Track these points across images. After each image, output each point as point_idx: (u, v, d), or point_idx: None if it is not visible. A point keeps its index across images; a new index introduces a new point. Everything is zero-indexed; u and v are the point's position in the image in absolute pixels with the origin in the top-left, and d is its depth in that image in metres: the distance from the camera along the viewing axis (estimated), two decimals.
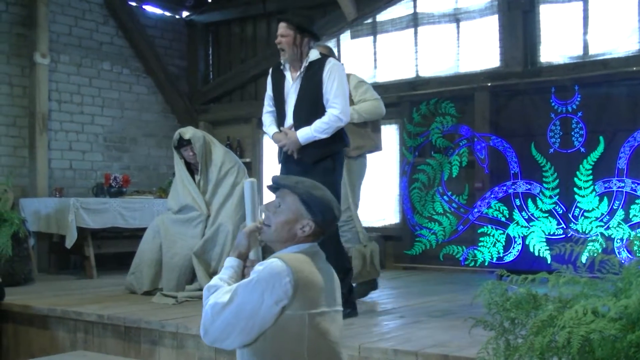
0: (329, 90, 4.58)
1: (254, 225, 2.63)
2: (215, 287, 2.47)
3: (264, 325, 2.35)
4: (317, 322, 2.40)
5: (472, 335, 2.55)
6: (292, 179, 2.62)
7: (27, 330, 5.41)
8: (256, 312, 2.34)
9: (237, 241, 2.64)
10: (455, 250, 7.52)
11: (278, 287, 2.33)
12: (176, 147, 6.01)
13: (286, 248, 2.53)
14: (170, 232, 5.81)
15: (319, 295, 2.43)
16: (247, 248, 2.62)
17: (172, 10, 9.85)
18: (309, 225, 2.51)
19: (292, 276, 2.35)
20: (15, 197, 7.44)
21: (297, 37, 4.58)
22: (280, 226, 2.53)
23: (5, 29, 7.94)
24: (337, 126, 4.58)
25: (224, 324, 2.38)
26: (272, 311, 2.33)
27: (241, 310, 2.35)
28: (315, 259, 2.50)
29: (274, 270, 2.35)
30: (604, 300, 2.04)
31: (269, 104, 4.84)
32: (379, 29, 8.52)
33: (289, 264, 2.38)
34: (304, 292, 2.37)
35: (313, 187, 2.58)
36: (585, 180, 6.74)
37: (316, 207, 2.52)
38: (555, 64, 7.28)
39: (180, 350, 4.47)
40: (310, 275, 2.42)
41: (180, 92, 9.67)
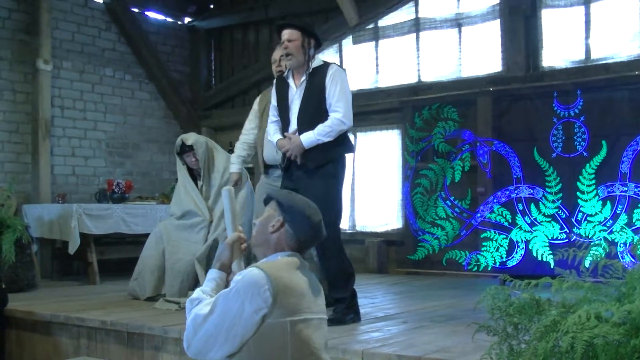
0: (331, 95, 4.60)
1: (236, 236, 2.65)
2: (198, 300, 2.48)
3: (245, 334, 2.34)
4: (300, 329, 2.39)
5: (475, 340, 2.55)
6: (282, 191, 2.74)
7: (30, 337, 5.42)
8: (237, 322, 2.33)
9: (218, 252, 2.65)
10: (458, 255, 7.51)
11: (257, 295, 2.32)
12: (178, 153, 6.02)
13: (266, 257, 2.56)
14: (173, 238, 5.81)
15: (299, 302, 2.42)
16: (229, 259, 2.63)
17: (175, 17, 9.87)
18: (278, 222, 2.55)
19: (271, 284, 2.34)
20: (18, 203, 7.46)
21: (305, 40, 4.61)
22: (258, 227, 2.61)
23: (8, 36, 7.96)
24: (340, 130, 4.59)
25: (206, 336, 2.37)
26: (252, 320, 2.33)
27: (222, 320, 2.35)
28: (295, 267, 2.50)
29: (253, 279, 2.35)
30: (607, 305, 2.03)
31: (274, 114, 4.88)
32: (380, 34, 8.53)
33: (267, 272, 2.37)
34: (283, 299, 2.36)
35: (290, 193, 2.69)
36: (588, 184, 6.73)
37: (287, 205, 2.56)
38: (557, 68, 7.28)
39: (183, 356, 4.46)
40: (290, 282, 2.41)
41: (182, 98, 9.69)
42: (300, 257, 2.57)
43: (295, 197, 2.64)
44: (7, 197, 6.96)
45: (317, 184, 4.54)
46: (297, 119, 4.66)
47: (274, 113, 4.87)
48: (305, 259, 2.63)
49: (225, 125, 9.61)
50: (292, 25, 4.67)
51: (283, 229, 2.55)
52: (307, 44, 4.63)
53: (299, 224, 2.56)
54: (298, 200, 2.62)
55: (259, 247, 2.60)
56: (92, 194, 8.33)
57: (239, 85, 9.66)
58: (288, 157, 4.67)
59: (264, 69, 9.31)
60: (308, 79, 4.65)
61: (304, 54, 4.62)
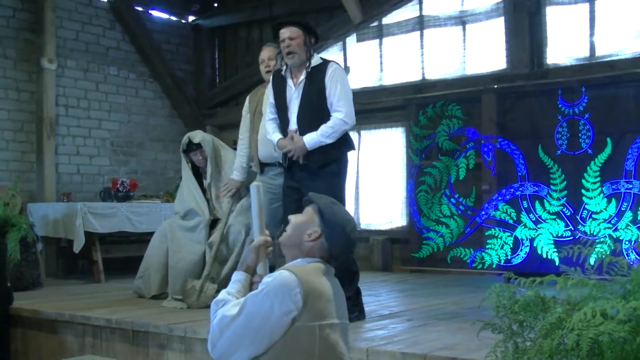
0: (332, 94, 4.59)
1: (262, 239, 2.63)
2: (223, 301, 2.46)
3: (273, 336, 2.34)
4: (327, 333, 2.39)
5: (480, 338, 2.54)
6: (324, 196, 2.66)
7: (36, 335, 5.43)
8: (265, 324, 2.32)
9: (244, 255, 2.64)
10: (462, 252, 7.50)
11: (288, 298, 2.32)
12: (184, 151, 6.02)
13: (294, 261, 2.54)
14: (177, 237, 5.82)
15: (327, 307, 2.42)
16: (255, 262, 2.62)
17: (178, 15, 9.87)
18: (316, 233, 2.53)
19: (302, 287, 2.34)
20: (23, 202, 7.48)
21: (307, 38, 4.61)
22: (293, 229, 2.56)
23: (13, 35, 7.98)
24: (343, 130, 4.59)
25: (233, 337, 2.36)
26: (282, 322, 2.32)
27: (250, 321, 2.34)
28: (323, 272, 2.50)
29: (284, 281, 2.34)
30: (612, 302, 2.03)
31: (271, 111, 4.85)
32: (384, 32, 8.52)
33: (298, 275, 2.37)
34: (313, 303, 2.36)
35: (334, 202, 2.61)
36: (593, 182, 6.71)
37: (328, 218, 2.53)
38: (562, 65, 7.27)
39: (189, 354, 4.48)
40: (320, 287, 2.41)
41: (186, 96, 9.70)
42: (326, 264, 2.56)
43: (338, 211, 2.58)
44: (12, 196, 6.96)
45: (321, 184, 4.53)
46: (297, 118, 4.65)
47: (272, 110, 4.84)
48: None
49: (229, 124, 9.60)
50: (293, 23, 4.67)
51: (319, 240, 2.54)
52: (309, 41, 4.63)
53: (336, 239, 2.54)
54: (339, 214, 2.57)
55: (290, 248, 2.57)
56: (96, 192, 8.35)
57: (243, 83, 9.65)
58: (289, 157, 4.67)
59: None
60: (308, 77, 4.63)
61: (306, 52, 4.62)
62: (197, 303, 5.32)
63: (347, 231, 2.56)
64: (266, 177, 5.39)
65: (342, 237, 2.55)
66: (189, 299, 5.37)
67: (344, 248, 2.58)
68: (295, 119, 4.66)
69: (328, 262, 2.57)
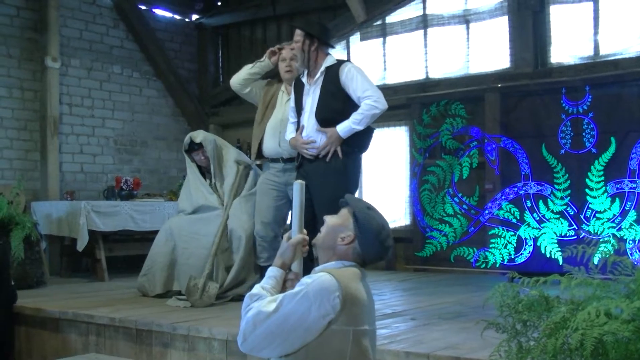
0: (355, 89, 4.69)
1: (301, 237, 2.64)
2: (258, 296, 2.46)
3: (307, 337, 2.35)
4: (360, 339, 2.40)
5: (484, 337, 2.54)
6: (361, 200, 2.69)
7: (40, 333, 5.44)
8: (301, 324, 2.34)
9: (281, 251, 2.64)
10: (466, 252, 7.50)
11: (327, 301, 2.33)
12: (187, 151, 6.03)
13: (330, 262, 2.55)
14: (184, 233, 5.82)
15: (363, 313, 2.43)
16: (291, 260, 2.63)
17: (182, 14, 9.88)
18: (349, 237, 2.53)
19: (341, 292, 2.35)
20: (26, 201, 7.49)
21: (306, 42, 4.73)
22: (328, 230, 2.58)
23: (16, 34, 7.99)
24: (374, 114, 4.67)
25: (266, 333, 2.37)
26: (318, 325, 2.34)
27: (286, 320, 2.34)
28: (359, 278, 2.51)
29: (324, 284, 2.35)
30: (616, 302, 2.03)
31: (292, 115, 4.99)
32: (388, 30, 8.51)
33: (339, 279, 2.38)
34: (350, 309, 2.37)
35: (369, 207, 2.62)
36: (597, 181, 6.70)
37: (362, 223, 2.53)
38: (565, 64, 7.25)
39: (192, 352, 4.48)
40: (357, 292, 2.42)
41: (190, 95, 9.70)
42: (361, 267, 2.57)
43: (373, 216, 2.58)
44: (16, 195, 6.98)
45: (330, 181, 4.57)
46: (315, 116, 4.72)
47: (292, 114, 4.98)
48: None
49: (233, 123, 9.62)
50: (297, 27, 4.83)
51: (352, 245, 2.54)
52: (308, 46, 4.74)
53: (369, 245, 2.54)
54: (374, 220, 2.57)
55: (324, 250, 2.58)
56: (100, 191, 8.35)
57: None
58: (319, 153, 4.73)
59: None
60: (323, 78, 4.72)
61: (304, 55, 4.74)
62: (200, 302, 5.33)
63: (381, 238, 2.56)
64: (270, 174, 5.39)
65: (376, 243, 2.55)
66: (191, 297, 5.37)
67: (376, 254, 2.58)
68: (307, 119, 4.76)
69: (362, 266, 2.58)
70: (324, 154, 4.69)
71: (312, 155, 4.73)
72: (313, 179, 4.68)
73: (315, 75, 4.76)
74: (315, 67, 4.75)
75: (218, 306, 5.32)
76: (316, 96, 4.74)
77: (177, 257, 5.82)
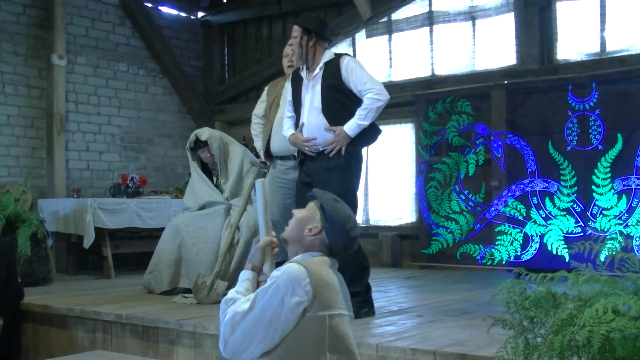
0: (356, 82, 4.66)
1: (268, 239, 2.68)
2: (233, 300, 2.49)
3: (286, 329, 2.37)
4: (336, 323, 2.42)
5: (490, 334, 2.54)
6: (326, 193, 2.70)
7: (47, 330, 5.46)
8: (277, 317, 2.35)
9: (250, 254, 2.69)
10: (472, 249, 7.49)
11: (298, 289, 2.36)
12: (192, 149, 6.04)
13: (298, 255, 2.58)
14: (191, 229, 5.82)
15: (336, 298, 2.46)
16: (261, 262, 2.67)
17: (188, 11, 9.88)
18: (316, 228, 2.57)
19: (311, 278, 2.38)
20: (33, 198, 7.51)
21: (303, 38, 4.72)
22: (295, 223, 2.62)
23: (23, 31, 8.00)
24: (378, 107, 4.65)
25: (245, 333, 2.39)
26: (293, 314, 2.35)
27: (262, 316, 2.37)
28: (328, 265, 2.54)
29: (293, 274, 2.38)
30: (624, 298, 2.02)
31: (289, 109, 4.95)
32: (394, 27, 8.50)
33: (307, 266, 2.42)
34: (322, 293, 2.39)
35: (336, 200, 2.65)
36: (604, 178, 6.68)
37: (329, 215, 2.57)
38: (572, 61, 7.23)
39: (198, 349, 4.49)
40: (327, 278, 2.46)
41: (196, 92, 9.71)
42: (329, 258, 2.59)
43: (339, 207, 2.62)
44: (22, 192, 7.00)
45: (333, 178, 4.56)
46: (322, 113, 4.67)
47: (289, 108, 4.94)
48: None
49: (239, 120, 9.61)
50: (296, 22, 4.83)
51: (319, 236, 2.58)
52: (306, 41, 4.72)
53: (336, 235, 2.58)
54: (341, 211, 2.61)
55: (292, 243, 2.62)
56: (106, 188, 8.37)
57: (252, 79, 9.66)
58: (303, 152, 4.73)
59: (277, 63, 9.29)
60: (322, 73, 4.69)
61: (302, 50, 4.72)
62: (207, 299, 5.34)
63: (347, 228, 2.59)
64: (279, 171, 5.39)
65: (342, 233, 2.59)
66: (198, 294, 5.38)
67: (343, 244, 2.61)
68: (306, 115, 4.72)
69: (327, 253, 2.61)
70: (329, 150, 4.67)
71: (313, 152, 4.70)
72: (316, 176, 4.68)
73: (314, 71, 4.73)
74: (313, 62, 4.73)
75: None
76: (316, 92, 4.70)
77: (184, 254, 5.83)
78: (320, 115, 4.67)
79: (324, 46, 4.80)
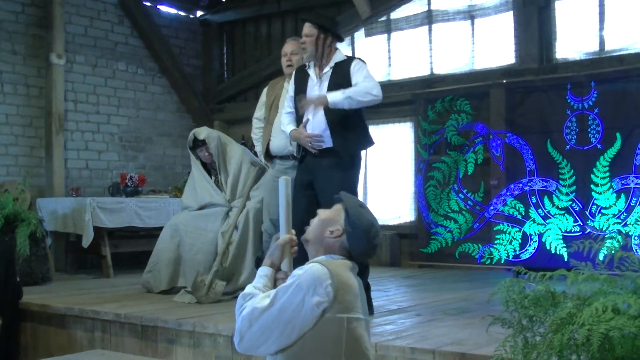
0: (358, 77, 4.63)
1: (288, 237, 2.65)
2: (251, 295, 2.48)
3: (304, 328, 2.36)
4: (354, 327, 2.41)
5: (489, 333, 2.54)
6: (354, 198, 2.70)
7: (46, 329, 5.45)
8: (297, 315, 2.35)
9: (270, 251, 2.67)
10: (471, 248, 7.49)
11: (320, 289, 2.35)
12: (191, 148, 6.04)
13: (319, 256, 2.57)
14: (191, 229, 5.82)
15: (355, 300, 2.45)
16: (280, 259, 2.64)
17: (187, 10, 9.88)
18: (338, 231, 2.55)
19: (333, 279, 2.38)
20: (32, 197, 7.51)
21: (320, 37, 4.71)
22: (318, 223, 2.61)
23: (22, 30, 8.00)
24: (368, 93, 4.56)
25: (263, 328, 2.38)
26: (313, 313, 2.35)
27: (282, 313, 2.36)
28: (349, 269, 2.53)
29: (315, 273, 2.38)
30: (623, 297, 2.03)
31: (290, 105, 4.92)
32: (393, 26, 8.50)
33: (329, 267, 2.41)
34: (343, 296, 2.39)
35: (362, 205, 2.65)
36: (602, 177, 6.69)
37: (352, 219, 2.55)
38: (571, 60, 7.24)
39: (197, 349, 4.49)
40: (348, 280, 2.45)
41: (195, 91, 9.70)
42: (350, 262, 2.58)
43: (363, 213, 2.61)
44: (21, 191, 7.00)
45: (335, 176, 4.56)
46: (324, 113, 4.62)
47: (290, 104, 4.91)
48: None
49: (238, 119, 9.61)
50: (310, 20, 4.79)
51: (340, 238, 2.57)
52: (323, 40, 4.72)
53: (357, 240, 2.56)
54: (364, 217, 2.59)
55: (312, 243, 2.62)
56: (105, 187, 8.36)
57: (251, 78, 9.66)
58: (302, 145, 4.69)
59: (276, 62, 9.29)
60: (332, 73, 4.70)
61: (318, 49, 4.71)
62: (206, 298, 5.34)
63: (370, 235, 2.58)
64: (278, 171, 5.38)
65: (363, 239, 2.57)
66: (197, 293, 5.38)
67: (363, 250, 2.60)
68: (312, 110, 4.67)
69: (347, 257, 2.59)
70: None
71: (316, 149, 4.68)
72: (317, 173, 4.67)
73: (324, 69, 4.74)
74: (326, 61, 4.73)
75: (223, 302, 5.32)
76: (323, 89, 4.68)
77: (183, 254, 5.83)
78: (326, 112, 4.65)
79: (335, 45, 4.83)
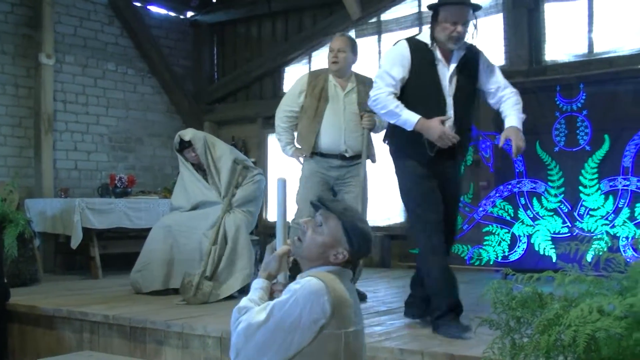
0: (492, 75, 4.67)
1: (286, 248, 2.60)
2: (246, 309, 2.43)
3: (301, 344, 2.32)
4: (351, 340, 2.38)
5: (477, 334, 2.55)
6: (340, 205, 2.58)
7: (33, 331, 5.43)
8: (294, 331, 2.31)
9: (265, 262, 2.60)
10: (460, 249, 7.50)
11: (316, 305, 2.30)
12: (178, 150, 6.02)
13: (316, 267, 2.49)
14: (184, 229, 5.80)
15: (351, 314, 2.41)
16: (277, 271, 2.60)
17: (177, 11, 9.86)
18: (342, 254, 2.47)
19: (330, 295, 2.32)
20: (20, 198, 7.47)
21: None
22: (314, 246, 2.49)
23: (11, 30, 7.96)
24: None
25: (259, 344, 2.34)
26: (310, 330, 2.31)
27: (278, 328, 2.32)
28: (342, 278, 2.48)
29: (312, 288, 2.32)
30: (609, 298, 2.03)
31: (391, 83, 4.26)
32: (383, 28, 8.51)
33: (327, 282, 2.35)
34: (340, 311, 2.34)
35: (359, 219, 2.55)
36: (591, 178, 6.72)
37: (356, 239, 2.48)
38: (560, 62, 7.26)
39: (186, 350, 4.48)
40: (344, 294, 2.40)
41: (185, 92, 9.69)
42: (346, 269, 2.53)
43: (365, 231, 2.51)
44: (9, 192, 6.97)
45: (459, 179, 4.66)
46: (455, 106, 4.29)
47: (391, 83, 4.23)
48: None
49: (228, 120, 9.62)
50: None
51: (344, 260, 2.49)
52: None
53: (359, 256, 2.54)
54: (367, 235, 2.52)
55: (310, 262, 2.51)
56: (94, 188, 8.34)
57: (242, 79, 9.65)
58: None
59: (267, 63, 9.31)
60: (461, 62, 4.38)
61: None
62: (194, 299, 5.33)
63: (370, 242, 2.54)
64: (322, 167, 5.33)
65: (367, 250, 2.55)
66: (185, 294, 5.37)
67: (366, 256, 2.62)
68: (452, 103, 4.30)
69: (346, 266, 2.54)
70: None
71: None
72: (450, 176, 4.44)
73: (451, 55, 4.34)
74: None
75: (212, 304, 5.32)
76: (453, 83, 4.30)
77: (177, 254, 5.79)
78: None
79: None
